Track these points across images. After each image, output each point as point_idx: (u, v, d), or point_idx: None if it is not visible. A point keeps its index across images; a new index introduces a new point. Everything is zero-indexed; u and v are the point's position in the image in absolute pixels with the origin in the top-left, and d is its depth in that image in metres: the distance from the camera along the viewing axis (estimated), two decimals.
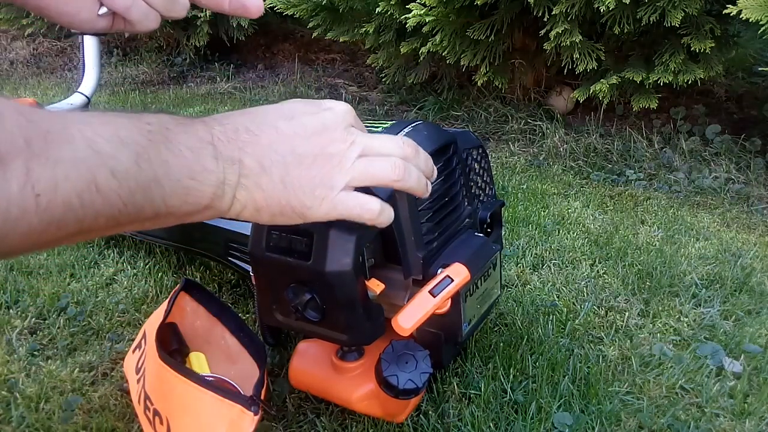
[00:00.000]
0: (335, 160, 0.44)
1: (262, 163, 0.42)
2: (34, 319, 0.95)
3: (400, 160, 0.47)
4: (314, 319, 0.59)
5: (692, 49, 1.62)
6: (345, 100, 2.51)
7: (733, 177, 1.61)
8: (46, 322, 0.95)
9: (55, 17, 0.46)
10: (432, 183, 0.54)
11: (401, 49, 1.97)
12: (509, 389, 0.79)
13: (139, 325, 0.93)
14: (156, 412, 0.65)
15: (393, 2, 1.82)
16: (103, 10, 0.46)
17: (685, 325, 0.95)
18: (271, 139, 0.42)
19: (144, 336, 0.74)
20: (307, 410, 0.76)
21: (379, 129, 0.69)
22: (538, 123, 1.95)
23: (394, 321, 0.60)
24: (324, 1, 2.07)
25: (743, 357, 0.87)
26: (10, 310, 0.98)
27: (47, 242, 0.34)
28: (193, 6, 0.50)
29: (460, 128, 1.88)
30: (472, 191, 0.78)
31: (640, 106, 1.75)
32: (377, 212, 0.46)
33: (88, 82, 1.42)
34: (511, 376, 0.81)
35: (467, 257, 0.68)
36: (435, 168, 0.51)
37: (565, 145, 1.81)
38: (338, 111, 0.46)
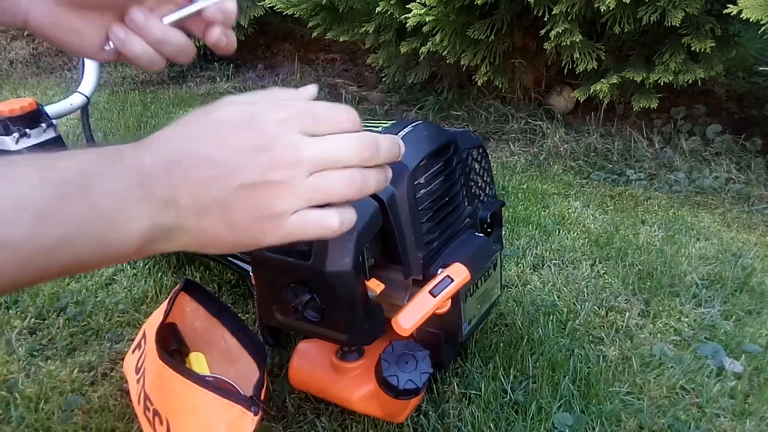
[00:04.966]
0: (280, 187, 0.37)
1: (200, 203, 0.36)
2: (33, 319, 0.95)
3: (357, 171, 0.40)
4: (314, 319, 0.59)
5: (692, 48, 1.62)
6: (345, 100, 2.50)
7: (733, 177, 1.60)
8: (46, 322, 0.95)
9: (61, 46, 0.47)
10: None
11: (401, 49, 1.96)
12: (509, 389, 0.79)
13: (139, 325, 0.92)
14: (156, 413, 0.65)
15: (393, 2, 1.82)
16: (111, 45, 0.47)
17: (686, 325, 0.95)
18: (205, 172, 0.36)
19: (144, 336, 0.74)
20: (307, 410, 0.76)
21: (379, 129, 0.69)
22: (539, 123, 1.95)
23: (394, 321, 0.60)
24: (324, 1, 2.07)
25: (744, 357, 0.87)
26: (10, 310, 0.98)
27: None
28: None
29: (460, 128, 1.88)
30: (473, 191, 0.78)
31: (641, 105, 1.75)
32: (337, 227, 0.40)
33: (88, 82, 1.42)
34: (512, 377, 0.81)
35: (467, 257, 0.68)
36: (402, 147, 0.44)
37: (565, 145, 1.81)
38: (277, 121, 0.38)
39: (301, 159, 0.37)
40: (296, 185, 0.37)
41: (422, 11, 1.71)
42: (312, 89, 0.44)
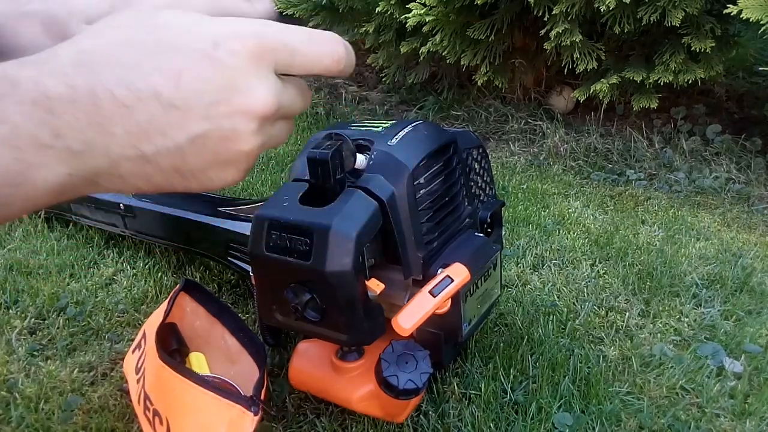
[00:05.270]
0: (246, 135, 0.31)
1: (142, 150, 0.29)
2: (33, 319, 0.95)
3: (293, 118, 0.35)
4: (314, 319, 0.59)
5: (692, 48, 1.62)
6: (345, 100, 2.49)
7: (733, 177, 1.60)
8: (46, 322, 0.95)
9: None
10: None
11: (401, 49, 1.96)
12: (509, 389, 0.79)
13: (139, 325, 0.92)
14: (156, 413, 0.65)
15: (393, 2, 1.82)
16: None
17: (686, 325, 0.95)
18: (152, 114, 0.28)
19: (144, 336, 0.74)
20: (307, 410, 0.76)
21: (380, 129, 0.69)
22: (539, 123, 1.95)
23: (394, 321, 0.60)
24: (324, 1, 2.07)
25: (744, 357, 0.87)
26: (10, 310, 0.98)
27: None
28: None
29: (460, 128, 1.88)
30: (473, 191, 0.78)
31: (641, 105, 1.75)
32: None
33: None
34: (512, 377, 0.81)
35: (467, 257, 0.67)
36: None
37: (565, 145, 1.81)
38: (248, 54, 0.30)
39: (275, 108, 0.31)
40: (261, 133, 0.31)
41: (422, 11, 1.71)
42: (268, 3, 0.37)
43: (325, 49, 0.32)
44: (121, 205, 1.09)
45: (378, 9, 1.86)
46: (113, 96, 0.27)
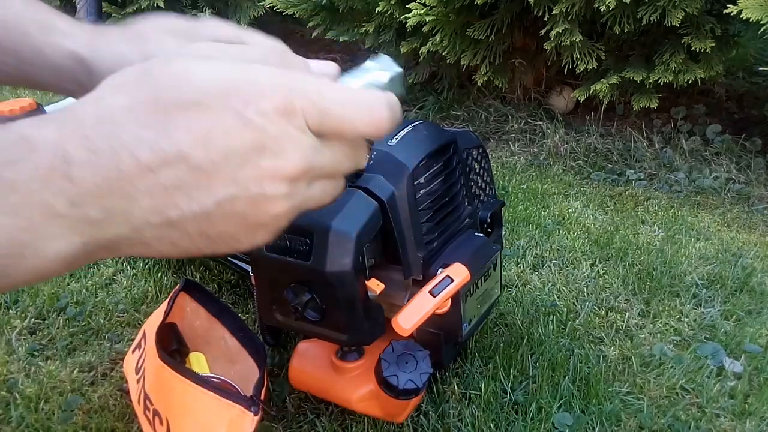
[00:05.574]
0: (277, 199, 0.29)
1: (167, 216, 0.27)
2: (33, 319, 0.95)
3: (342, 178, 0.33)
4: (314, 319, 0.59)
5: (692, 48, 1.62)
6: None
7: (733, 177, 1.60)
8: (46, 322, 0.95)
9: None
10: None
11: (401, 49, 1.96)
12: (509, 389, 0.79)
13: (139, 325, 0.92)
14: (156, 413, 0.65)
15: (393, 2, 1.82)
16: None
17: (686, 325, 0.95)
18: (180, 177, 0.26)
19: (144, 336, 0.74)
20: (307, 410, 0.76)
21: None
22: (539, 123, 1.95)
23: (394, 321, 0.60)
24: (324, 1, 2.07)
25: (744, 357, 0.87)
26: (10, 310, 0.98)
27: None
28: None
29: (460, 128, 1.88)
30: (473, 191, 0.78)
31: (641, 105, 1.75)
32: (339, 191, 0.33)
33: None
34: (512, 377, 0.81)
35: (467, 257, 0.68)
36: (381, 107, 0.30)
37: (565, 145, 1.81)
38: (278, 111, 0.27)
39: (307, 169, 0.29)
40: (293, 195, 0.29)
41: (422, 11, 1.71)
42: (330, 68, 0.35)
43: (363, 114, 0.29)
44: None
45: (378, 9, 1.86)
46: (137, 159, 0.25)
